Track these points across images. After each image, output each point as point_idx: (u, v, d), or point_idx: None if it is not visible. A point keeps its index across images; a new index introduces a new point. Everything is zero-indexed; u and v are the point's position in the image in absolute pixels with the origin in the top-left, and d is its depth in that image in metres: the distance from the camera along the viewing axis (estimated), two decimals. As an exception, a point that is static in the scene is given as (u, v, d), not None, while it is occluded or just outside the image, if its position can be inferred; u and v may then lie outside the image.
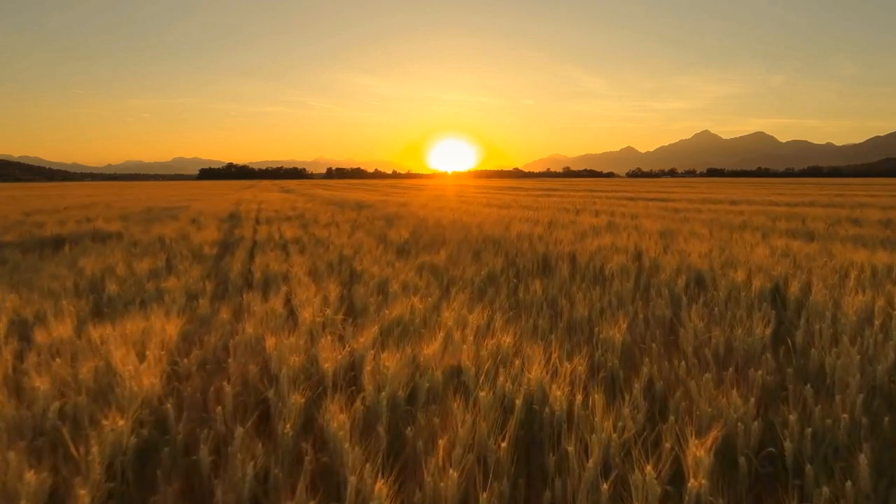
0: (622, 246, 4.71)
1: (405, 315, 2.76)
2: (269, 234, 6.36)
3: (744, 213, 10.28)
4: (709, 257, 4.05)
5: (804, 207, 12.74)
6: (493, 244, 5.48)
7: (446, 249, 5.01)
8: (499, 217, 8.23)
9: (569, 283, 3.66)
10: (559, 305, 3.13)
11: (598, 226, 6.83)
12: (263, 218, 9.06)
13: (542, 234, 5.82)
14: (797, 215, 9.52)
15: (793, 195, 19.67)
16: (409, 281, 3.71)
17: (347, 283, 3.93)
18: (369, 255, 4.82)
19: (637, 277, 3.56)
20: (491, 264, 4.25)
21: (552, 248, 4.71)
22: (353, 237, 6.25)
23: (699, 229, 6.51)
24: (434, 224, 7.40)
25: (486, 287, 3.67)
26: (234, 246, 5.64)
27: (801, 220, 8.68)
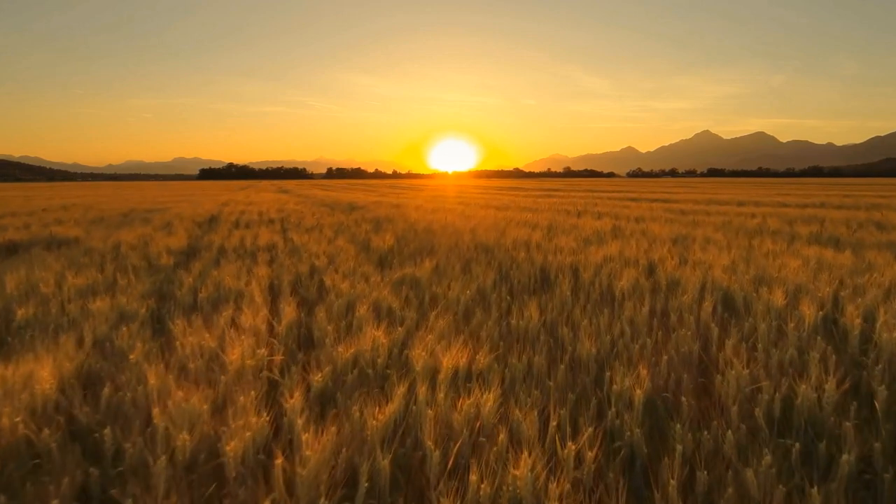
0: (631, 256, 4.14)
1: (366, 351, 2.19)
2: (242, 241, 5.79)
3: (755, 216, 9.71)
4: (734, 271, 3.47)
5: (816, 209, 12.16)
6: (485, 253, 4.91)
7: (432, 260, 4.44)
8: (494, 220, 7.66)
9: (571, 303, 3.09)
10: (559, 335, 2.56)
11: (601, 231, 6.26)
12: (244, 221, 8.50)
13: (541, 241, 5.25)
14: (813, 218, 8.95)
15: (799, 196, 19.09)
16: (383, 301, 3.14)
17: (310, 303, 3.36)
18: (345, 266, 4.25)
19: (652, 297, 2.99)
20: (481, 278, 3.68)
21: (551, 258, 4.14)
22: (334, 244, 5.68)
23: (713, 235, 5.94)
24: (424, 229, 6.83)
25: (474, 308, 3.09)
26: (198, 255, 5.08)
27: (819, 223, 8.11)
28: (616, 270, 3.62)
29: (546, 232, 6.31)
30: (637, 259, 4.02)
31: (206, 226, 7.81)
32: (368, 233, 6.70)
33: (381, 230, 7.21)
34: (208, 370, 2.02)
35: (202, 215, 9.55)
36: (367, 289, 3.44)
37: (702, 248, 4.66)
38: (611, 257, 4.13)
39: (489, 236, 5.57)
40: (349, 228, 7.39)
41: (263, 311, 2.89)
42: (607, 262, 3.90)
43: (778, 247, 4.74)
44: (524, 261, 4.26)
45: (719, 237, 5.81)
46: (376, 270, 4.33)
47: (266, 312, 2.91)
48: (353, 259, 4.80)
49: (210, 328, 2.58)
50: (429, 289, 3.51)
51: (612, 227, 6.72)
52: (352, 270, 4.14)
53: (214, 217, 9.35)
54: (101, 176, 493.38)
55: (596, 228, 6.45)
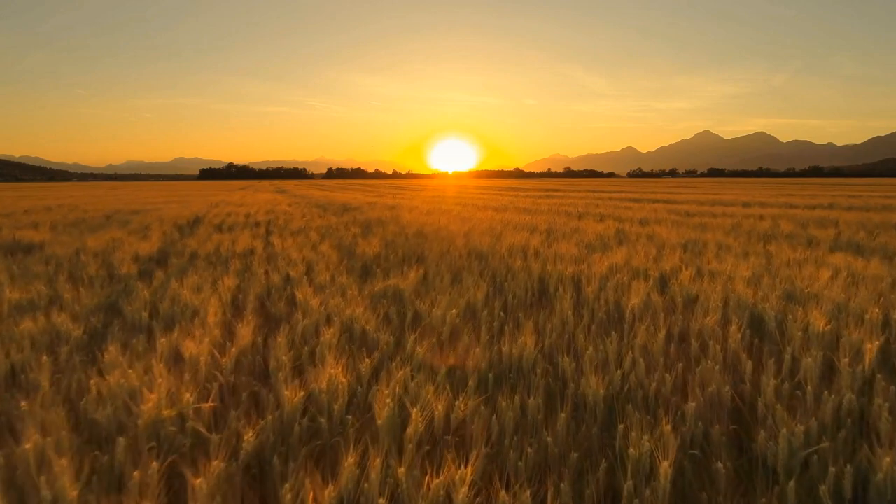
0: (640, 266, 3.72)
1: (322, 393, 1.78)
2: (219, 246, 5.38)
3: (764, 218, 9.30)
4: (757, 284, 3.06)
5: (824, 210, 11.76)
6: (479, 260, 4.50)
7: (420, 268, 4.03)
8: (491, 223, 7.25)
9: (573, 323, 2.68)
10: (560, 366, 2.15)
11: (605, 235, 5.84)
12: (229, 224, 8.08)
13: (539, 247, 4.84)
14: (824, 220, 8.54)
15: (805, 196, 18.67)
16: (358, 320, 2.73)
17: (275, 321, 2.95)
18: (323, 277, 3.84)
19: (668, 318, 2.57)
20: (472, 291, 3.27)
21: (551, 267, 3.73)
22: (317, 249, 5.27)
23: (725, 239, 5.52)
24: (415, 233, 6.42)
25: (462, 329, 2.68)
26: (167, 262, 4.67)
27: (834, 226, 7.70)
28: (624, 283, 3.20)
29: (545, 236, 5.89)
30: (646, 269, 3.60)
31: (186, 229, 7.39)
32: (356, 237, 6.29)
33: (370, 234, 6.80)
34: (110, 423, 1.60)
35: (186, 217, 9.13)
36: (343, 304, 3.02)
37: (716, 255, 4.25)
38: (617, 267, 3.71)
39: (484, 241, 5.16)
40: (337, 231, 6.98)
41: (215, 334, 2.48)
42: (613, 273, 3.48)
43: (799, 254, 4.33)
44: (520, 270, 3.85)
45: (731, 242, 5.40)
46: (357, 281, 3.92)
47: (218, 335, 2.50)
48: (335, 267, 4.39)
49: (145, 358, 2.17)
50: (412, 304, 3.10)
51: (615, 231, 6.30)
52: (329, 281, 3.73)
53: (199, 219, 8.94)
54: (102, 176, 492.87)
55: (598, 232, 6.04)
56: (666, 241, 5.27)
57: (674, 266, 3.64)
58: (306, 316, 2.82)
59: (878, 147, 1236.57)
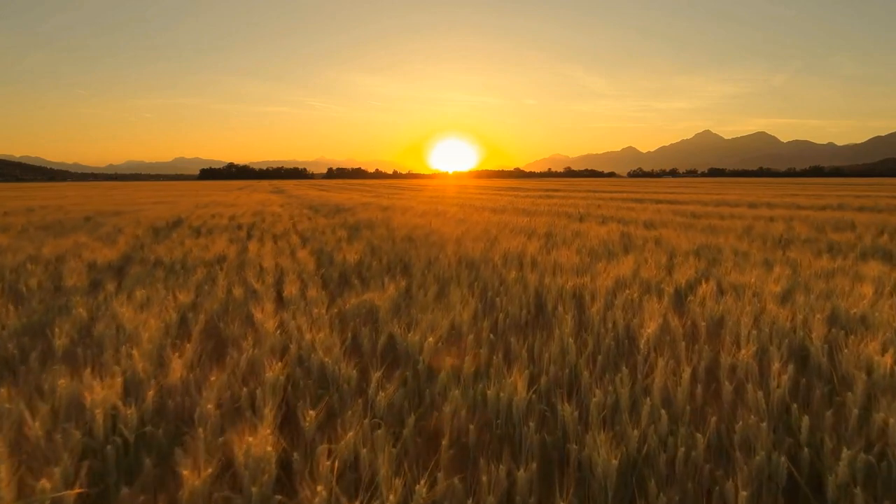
0: (650, 278, 3.27)
1: (240, 465, 1.34)
2: (188, 252, 4.94)
3: (775, 220, 8.85)
4: (792, 302, 2.61)
5: (834, 212, 11.30)
6: (470, 269, 4.05)
7: (402, 280, 3.58)
8: (486, 226, 6.80)
9: (574, 352, 2.23)
10: (560, 416, 1.71)
11: (608, 240, 5.39)
12: (209, 226, 7.64)
13: (537, 254, 4.39)
14: (839, 222, 8.09)
15: (810, 197, 18.20)
16: (317, 347, 2.28)
17: (218, 348, 2.51)
18: (291, 290, 3.39)
19: (690, 348, 2.12)
20: (458, 309, 2.82)
21: (549, 279, 3.27)
22: (294, 256, 4.82)
23: (740, 245, 5.08)
24: (404, 237, 5.98)
25: (441, 359, 2.24)
26: (125, 271, 4.22)
27: (851, 229, 7.25)
28: (634, 301, 2.75)
29: (544, 241, 5.44)
30: (659, 283, 3.15)
31: (162, 232, 6.95)
32: (341, 241, 5.84)
33: (357, 238, 6.36)
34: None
35: (167, 219, 8.68)
36: (306, 325, 2.58)
37: (735, 264, 3.80)
38: (624, 280, 3.26)
39: (476, 248, 4.71)
40: (323, 235, 6.53)
41: (142, 367, 2.03)
42: (621, 288, 3.03)
43: (826, 262, 3.88)
44: (515, 282, 3.40)
45: (747, 248, 4.95)
46: (330, 294, 3.48)
47: (144, 369, 2.05)
48: (309, 277, 3.94)
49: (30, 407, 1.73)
50: (386, 326, 2.66)
51: (620, 235, 5.85)
52: (298, 295, 3.28)
53: (180, 221, 8.49)
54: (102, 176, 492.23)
55: (601, 237, 5.59)
56: (676, 246, 4.83)
57: (690, 278, 3.19)
58: (258, 343, 2.37)
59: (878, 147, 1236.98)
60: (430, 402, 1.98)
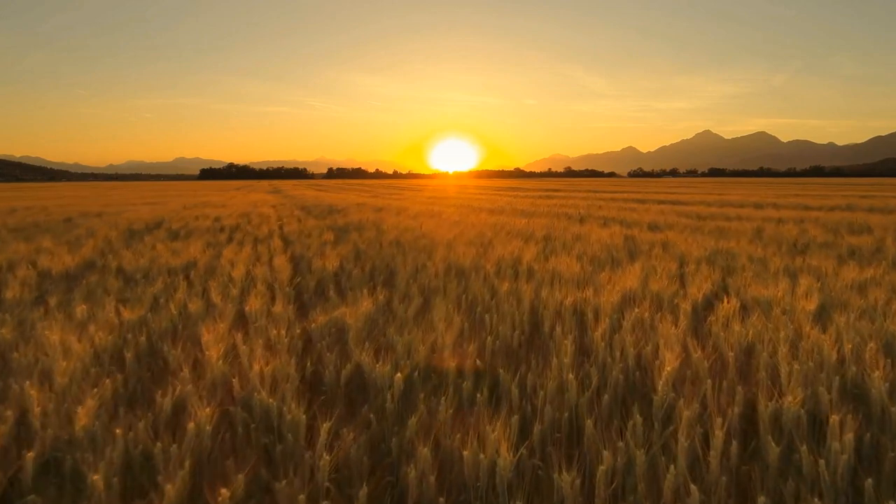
0: (662, 292, 2.87)
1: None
2: (154, 259, 4.55)
3: (784, 221, 8.46)
4: (832, 325, 2.21)
5: (844, 213, 10.92)
6: (459, 279, 3.66)
7: (382, 292, 3.19)
8: (482, 229, 6.40)
9: (575, 389, 1.83)
10: (556, 487, 1.32)
11: (612, 245, 5.00)
12: (189, 229, 7.24)
13: (534, 261, 4.00)
14: (853, 224, 7.69)
15: (816, 197, 17.80)
16: (265, 383, 1.89)
17: (147, 387, 2.12)
18: (255, 304, 2.99)
19: (717, 390, 1.73)
20: (441, 329, 2.42)
21: (546, 292, 2.87)
22: (271, 263, 4.43)
23: (753, 250, 4.68)
24: (393, 241, 5.59)
25: (410, 406, 1.85)
26: (78, 281, 3.83)
27: (867, 232, 6.86)
28: (644, 321, 2.36)
29: (542, 246, 5.05)
30: (672, 298, 2.75)
31: (137, 235, 6.56)
32: (325, 245, 5.45)
33: (343, 241, 5.97)
34: None
35: (147, 221, 8.29)
36: (261, 351, 2.19)
37: (754, 274, 3.40)
38: (632, 293, 2.86)
39: (468, 253, 4.32)
40: (308, 238, 6.14)
41: (37, 411, 1.64)
42: (629, 304, 2.63)
43: (854, 272, 3.48)
44: (508, 296, 3.00)
45: (762, 253, 4.56)
46: (300, 309, 3.09)
47: (36, 414, 1.66)
48: (281, 288, 3.55)
49: None
50: (355, 350, 2.26)
51: (623, 239, 5.46)
52: (261, 311, 2.89)
53: (160, 223, 8.10)
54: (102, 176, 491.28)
55: (604, 241, 5.19)
56: (685, 252, 4.43)
57: (706, 292, 2.80)
58: (197, 376, 1.98)
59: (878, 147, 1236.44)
60: (396, 457, 1.59)
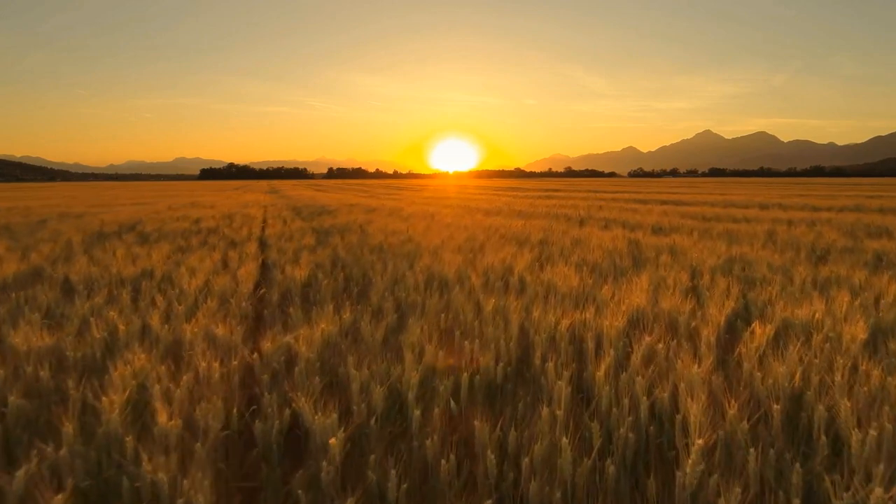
0: (676, 311, 2.42)
1: None
2: (107, 267, 4.10)
3: (795, 224, 8.02)
4: (887, 355, 1.77)
5: (853, 213, 10.47)
6: (441, 291, 3.21)
7: (348, 311, 2.75)
8: (475, 232, 5.95)
9: (571, 457, 1.39)
10: None
11: (614, 250, 4.55)
12: (163, 231, 6.80)
13: (527, 271, 3.55)
14: (870, 227, 7.25)
15: (820, 197, 17.34)
16: (172, 438, 1.45)
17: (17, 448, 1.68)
18: (195, 327, 2.54)
19: (761, 459, 1.28)
20: (408, 362, 1.98)
21: (539, 312, 2.42)
22: (236, 272, 3.97)
23: (769, 256, 4.23)
24: (376, 246, 5.14)
25: (361, 470, 1.41)
26: (11, 291, 3.38)
27: (888, 235, 6.42)
28: (658, 354, 1.91)
29: (538, 251, 4.60)
30: (689, 321, 2.30)
31: (105, 238, 6.11)
32: (302, 251, 5.00)
33: (325, 245, 5.52)
34: None
35: (121, 222, 7.84)
36: (180, 393, 1.75)
37: (779, 287, 2.95)
38: (640, 314, 2.41)
39: (455, 261, 3.87)
40: (288, 241, 5.69)
41: None
42: (637, 330, 2.18)
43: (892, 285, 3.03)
44: (493, 315, 2.56)
45: (780, 260, 4.11)
46: (250, 330, 2.65)
47: None
48: (237, 302, 3.10)
49: None
50: (300, 391, 1.82)
51: (627, 243, 5.01)
52: (201, 335, 2.44)
53: (135, 225, 7.64)
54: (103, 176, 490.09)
55: (605, 246, 4.75)
56: (697, 260, 3.98)
57: (729, 312, 2.35)
58: (74, 439, 1.53)
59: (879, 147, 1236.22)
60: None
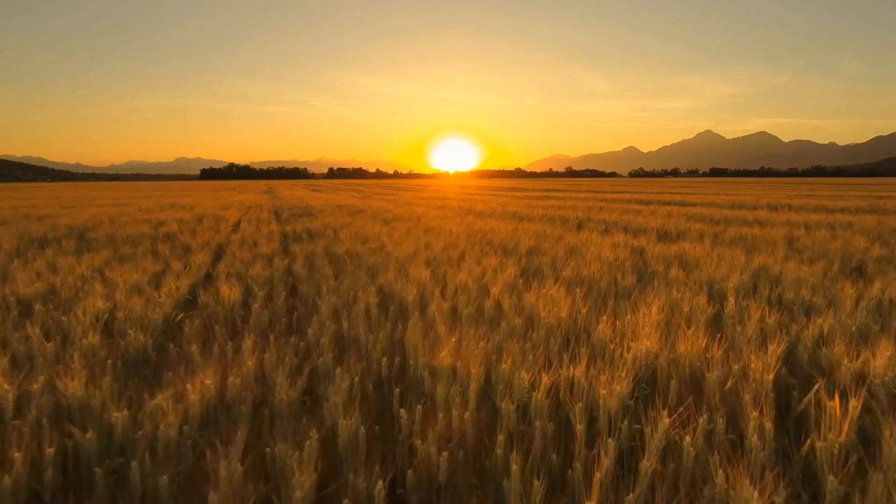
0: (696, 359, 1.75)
1: None
2: (9, 281, 3.45)
3: (812, 227, 7.35)
4: None
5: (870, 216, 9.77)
6: (395, 321, 2.54)
7: (266, 352, 2.08)
8: (457, 238, 5.28)
9: None
10: None
11: (614, 261, 3.88)
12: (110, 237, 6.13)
13: (506, 293, 2.87)
14: (895, 231, 6.57)
15: (827, 198, 16.65)
16: None
17: None
18: (38, 386, 1.88)
19: None
20: (300, 469, 1.31)
21: (509, 364, 1.75)
22: (164, 290, 3.30)
23: (799, 269, 3.56)
24: (342, 254, 4.47)
25: None
26: None
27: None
28: (686, 455, 1.24)
29: (525, 263, 3.93)
30: (722, 383, 1.62)
31: (43, 245, 5.44)
32: (253, 262, 4.33)
33: (286, 253, 4.87)
34: None
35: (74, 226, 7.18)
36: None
37: (827, 314, 2.28)
38: (651, 365, 1.74)
39: (422, 277, 3.19)
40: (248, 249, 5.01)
41: None
42: (647, 385, 1.51)
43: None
44: (446, 375, 1.88)
45: (811, 273, 3.44)
46: (126, 380, 1.98)
47: None
48: (130, 337, 2.43)
49: None
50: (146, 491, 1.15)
51: (630, 253, 4.34)
52: (44, 389, 1.77)
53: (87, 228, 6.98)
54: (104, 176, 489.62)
55: (605, 257, 4.07)
56: (712, 275, 3.31)
57: (776, 364, 1.68)
58: None
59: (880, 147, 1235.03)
60: None
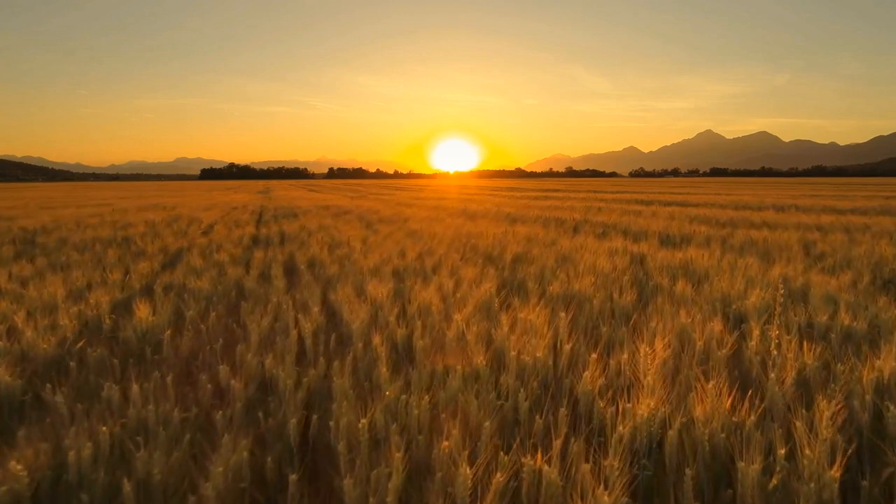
0: (717, 421, 1.24)
1: None
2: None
3: (826, 230, 6.83)
4: None
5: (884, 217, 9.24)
6: (333, 355, 2.02)
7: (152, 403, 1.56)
8: (439, 243, 4.76)
9: None
10: None
11: (612, 273, 3.36)
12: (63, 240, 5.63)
13: (476, 319, 2.36)
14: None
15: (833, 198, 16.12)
16: None
17: None
18: None
19: None
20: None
21: (457, 443, 1.25)
22: (72, 310, 2.79)
23: (829, 284, 3.04)
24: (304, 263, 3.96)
25: None
26: None
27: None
28: None
29: (506, 275, 3.42)
30: (758, 482, 1.12)
31: None
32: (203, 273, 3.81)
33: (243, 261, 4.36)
34: None
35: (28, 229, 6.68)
36: None
37: (875, 347, 1.76)
38: (658, 440, 1.24)
39: (380, 294, 2.67)
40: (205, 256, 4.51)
41: None
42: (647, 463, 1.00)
43: None
44: (373, 441, 1.36)
45: (839, 287, 2.93)
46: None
47: None
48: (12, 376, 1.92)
49: None
50: None
51: (629, 262, 3.82)
52: None
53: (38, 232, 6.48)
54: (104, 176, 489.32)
55: (601, 266, 3.55)
56: (727, 293, 2.79)
57: (833, 437, 1.17)
58: None
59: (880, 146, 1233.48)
60: None
